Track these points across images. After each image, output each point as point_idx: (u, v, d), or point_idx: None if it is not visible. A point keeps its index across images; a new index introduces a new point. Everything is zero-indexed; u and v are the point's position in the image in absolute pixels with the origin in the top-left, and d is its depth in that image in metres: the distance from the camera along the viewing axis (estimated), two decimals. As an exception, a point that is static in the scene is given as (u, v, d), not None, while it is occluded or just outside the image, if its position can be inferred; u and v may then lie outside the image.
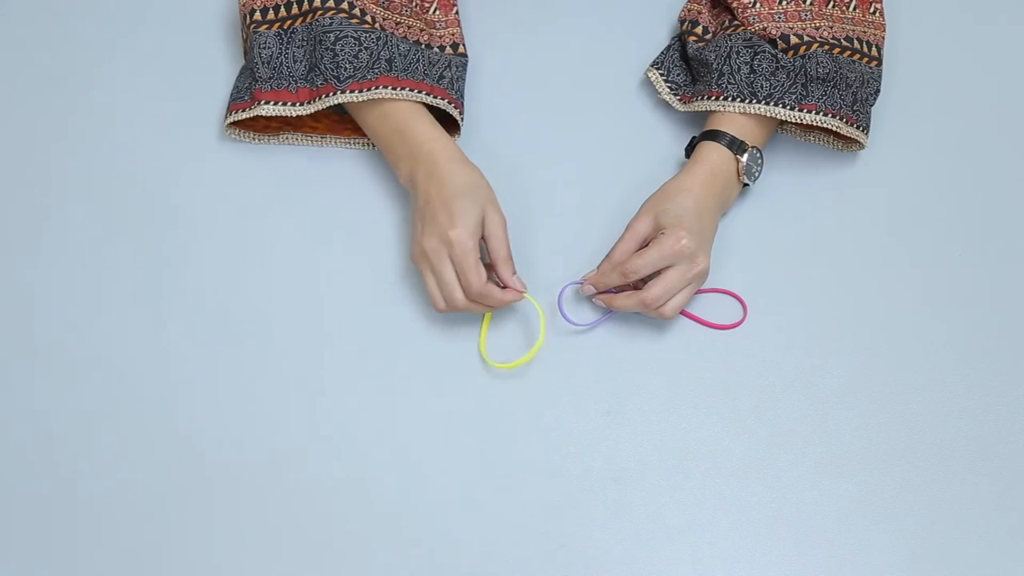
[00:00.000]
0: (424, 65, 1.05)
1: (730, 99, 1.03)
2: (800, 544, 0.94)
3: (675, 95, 1.11)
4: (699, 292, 1.03)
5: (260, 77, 1.06)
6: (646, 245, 0.99)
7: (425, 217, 0.98)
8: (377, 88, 1.02)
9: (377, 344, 1.01)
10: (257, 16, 1.07)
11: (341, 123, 1.12)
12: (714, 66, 1.05)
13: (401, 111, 1.03)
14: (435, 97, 1.04)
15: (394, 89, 1.02)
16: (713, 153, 1.02)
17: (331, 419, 0.98)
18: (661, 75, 1.12)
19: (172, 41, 1.17)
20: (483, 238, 0.98)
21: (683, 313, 1.03)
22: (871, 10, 1.10)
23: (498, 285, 0.99)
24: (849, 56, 1.06)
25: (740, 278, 1.04)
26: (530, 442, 0.97)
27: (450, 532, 0.94)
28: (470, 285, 0.96)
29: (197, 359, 1.00)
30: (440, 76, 1.06)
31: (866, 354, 1.01)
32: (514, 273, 0.99)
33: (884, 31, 1.10)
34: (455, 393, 1.00)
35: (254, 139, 1.11)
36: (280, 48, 1.06)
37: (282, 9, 1.06)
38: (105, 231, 1.07)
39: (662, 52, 1.14)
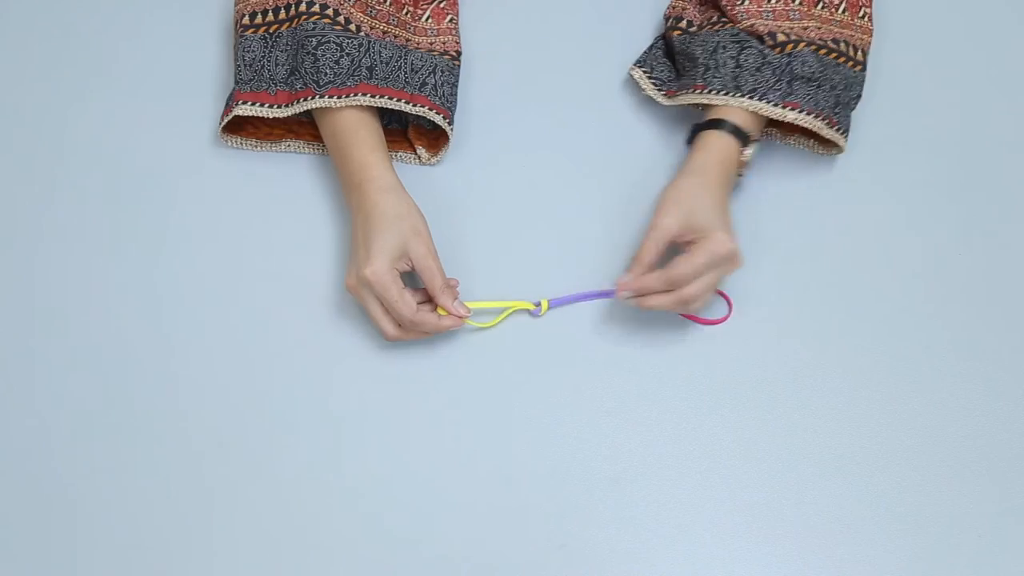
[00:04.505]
0: (406, 72, 1.04)
1: (714, 92, 1.03)
2: (800, 544, 0.93)
3: (660, 91, 1.11)
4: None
5: (241, 79, 1.05)
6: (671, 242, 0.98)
7: (352, 251, 0.97)
8: (356, 95, 1.01)
9: (377, 344, 1.00)
10: (246, 20, 1.06)
11: None
12: (700, 60, 1.05)
13: (341, 133, 1.01)
14: (415, 105, 1.03)
15: (373, 96, 1.01)
16: (720, 141, 1.02)
17: (330, 420, 0.98)
18: (645, 72, 1.11)
19: (171, 47, 1.16)
20: (415, 270, 0.97)
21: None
22: (860, 14, 1.10)
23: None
24: (835, 58, 1.06)
25: (733, 277, 1.03)
26: (530, 442, 0.97)
27: (450, 533, 0.93)
28: (400, 317, 0.95)
29: (196, 361, 1.00)
30: (422, 83, 1.05)
31: (867, 354, 1.01)
32: (455, 299, 0.98)
33: (871, 36, 1.10)
34: (455, 393, 0.99)
35: (256, 146, 1.10)
36: (264, 52, 1.05)
37: (270, 14, 1.05)
38: (100, 235, 1.06)
39: (645, 51, 1.14)
